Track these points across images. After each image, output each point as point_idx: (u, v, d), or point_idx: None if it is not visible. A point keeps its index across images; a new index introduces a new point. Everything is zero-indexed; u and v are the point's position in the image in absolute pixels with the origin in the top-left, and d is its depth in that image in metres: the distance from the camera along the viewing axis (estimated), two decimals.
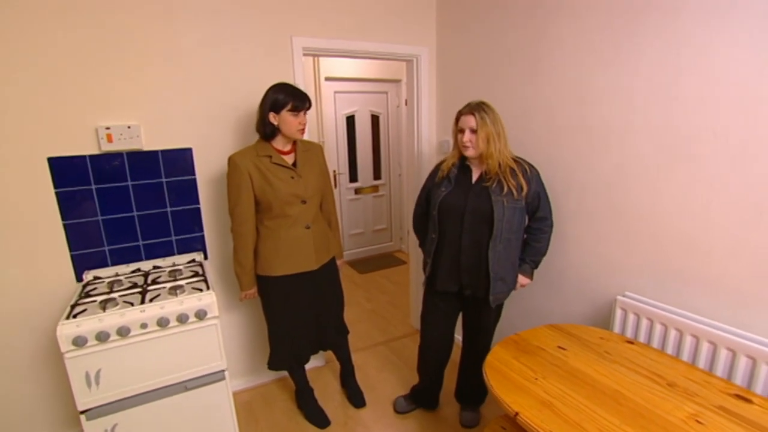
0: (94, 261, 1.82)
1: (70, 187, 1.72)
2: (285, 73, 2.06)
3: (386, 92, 4.22)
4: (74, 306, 1.46)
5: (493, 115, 1.57)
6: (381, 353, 2.65)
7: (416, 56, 2.46)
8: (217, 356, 1.59)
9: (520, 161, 1.64)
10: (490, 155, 1.58)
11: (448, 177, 1.70)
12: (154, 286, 1.64)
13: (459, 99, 2.37)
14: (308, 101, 1.71)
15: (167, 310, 1.47)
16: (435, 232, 1.74)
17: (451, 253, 1.69)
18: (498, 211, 1.57)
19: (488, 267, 1.62)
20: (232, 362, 2.24)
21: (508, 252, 1.64)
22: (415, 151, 2.65)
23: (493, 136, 1.56)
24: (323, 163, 1.89)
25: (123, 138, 1.73)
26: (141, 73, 1.76)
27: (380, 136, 4.34)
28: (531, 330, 1.58)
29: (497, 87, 2.09)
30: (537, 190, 1.65)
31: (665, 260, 1.49)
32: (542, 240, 1.72)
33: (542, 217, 1.70)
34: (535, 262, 1.75)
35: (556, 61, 1.77)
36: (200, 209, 1.99)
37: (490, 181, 1.60)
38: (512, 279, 1.72)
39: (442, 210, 1.69)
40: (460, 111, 1.63)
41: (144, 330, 1.44)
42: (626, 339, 1.48)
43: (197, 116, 1.90)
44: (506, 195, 1.58)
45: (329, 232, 1.95)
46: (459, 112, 1.63)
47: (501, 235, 1.59)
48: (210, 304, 1.53)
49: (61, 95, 1.64)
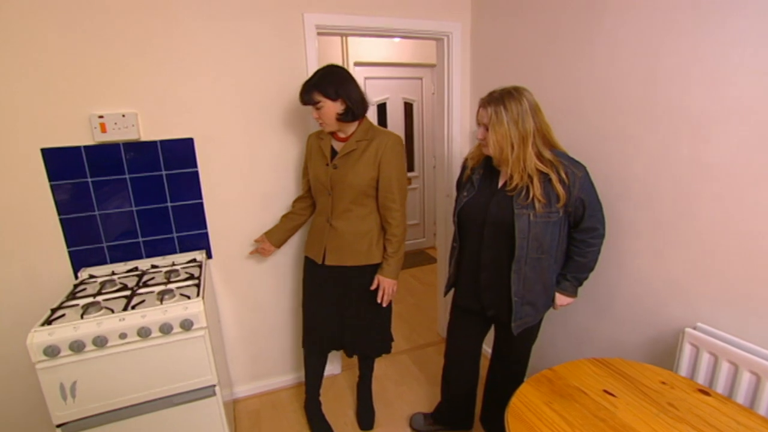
0: (93, 258, 1.73)
1: (66, 180, 1.62)
2: (295, 56, 1.85)
3: (421, 78, 3.92)
4: (55, 310, 1.35)
5: (516, 112, 1.22)
6: (402, 363, 2.43)
7: (447, 34, 2.16)
8: (206, 370, 1.44)
9: (561, 162, 1.30)
10: (504, 161, 1.28)
11: (471, 179, 1.43)
12: (144, 289, 1.51)
13: (496, 83, 2.05)
14: (301, 96, 1.53)
15: (149, 319, 1.33)
16: (457, 242, 1.48)
17: (471, 269, 1.43)
18: (522, 227, 1.28)
19: (510, 289, 1.34)
20: (238, 367, 2.11)
21: (538, 273, 1.35)
22: (446, 142, 2.36)
23: (510, 140, 1.23)
24: (386, 161, 1.55)
25: (118, 127, 1.60)
26: (137, 56, 1.61)
27: (414, 125, 4.06)
28: (570, 365, 1.28)
29: (541, 66, 1.76)
30: (580, 196, 1.32)
31: (756, 288, 1.13)
32: (588, 254, 1.40)
33: (589, 227, 1.37)
34: (578, 279, 1.44)
35: (616, 30, 1.42)
36: (203, 204, 1.84)
37: (514, 188, 1.30)
38: (544, 302, 1.43)
39: (462, 218, 1.43)
40: (480, 100, 1.33)
41: (123, 340, 1.30)
42: (698, 387, 1.15)
43: (198, 104, 1.74)
44: (535, 206, 1.28)
45: (369, 239, 1.63)
46: (479, 102, 1.34)
47: (526, 255, 1.30)
48: (197, 313, 1.38)
49: (53, 81, 1.53)
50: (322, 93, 1.49)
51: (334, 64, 1.58)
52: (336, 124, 1.55)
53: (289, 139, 1.93)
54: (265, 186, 1.93)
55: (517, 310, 1.38)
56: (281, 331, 2.15)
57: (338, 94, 1.49)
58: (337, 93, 1.49)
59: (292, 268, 2.08)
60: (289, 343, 2.19)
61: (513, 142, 1.24)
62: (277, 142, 1.91)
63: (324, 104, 1.50)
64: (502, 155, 1.27)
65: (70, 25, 1.51)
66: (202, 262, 1.76)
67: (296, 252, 2.07)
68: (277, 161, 1.93)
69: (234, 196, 1.89)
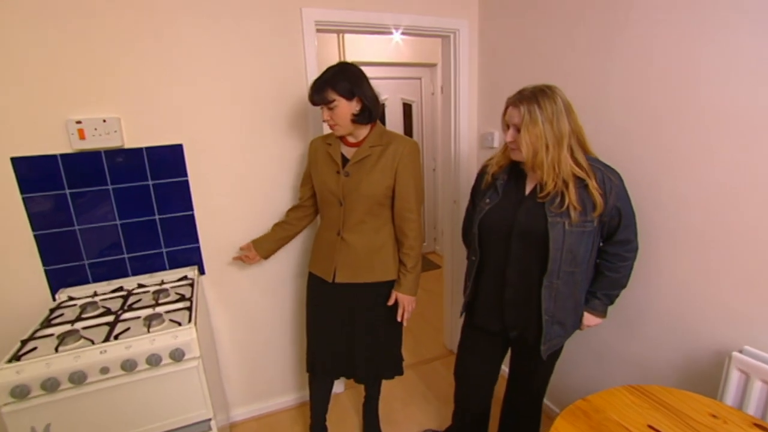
0: (73, 277, 1.57)
1: (40, 192, 1.46)
2: (293, 55, 1.71)
3: (420, 78, 3.79)
4: (25, 342, 1.20)
5: (551, 111, 1.11)
6: (408, 380, 2.29)
7: (453, 31, 2.04)
8: (200, 403, 1.30)
9: (597, 166, 1.19)
10: (538, 165, 1.15)
11: (494, 185, 1.30)
12: (129, 313, 1.36)
13: (506, 82, 1.94)
14: (310, 96, 1.41)
15: (134, 350, 1.18)
16: (476, 255, 1.35)
17: (494, 285, 1.30)
18: (556, 237, 1.15)
19: (540, 308, 1.21)
20: (235, 389, 1.96)
21: (569, 289, 1.23)
22: (452, 146, 2.24)
23: (545, 140, 1.12)
24: (404, 168, 1.43)
25: (98, 134, 1.45)
26: (119, 54, 1.46)
27: (413, 126, 3.93)
28: (606, 394, 1.15)
29: (559, 65, 1.64)
30: (617, 205, 1.20)
31: None
32: (622, 269, 1.28)
33: (623, 240, 1.26)
34: (610, 297, 1.32)
35: (646, 24, 1.30)
36: (194, 216, 1.69)
37: (547, 195, 1.18)
38: (574, 321, 1.31)
39: (483, 228, 1.29)
40: (508, 99, 1.21)
41: (105, 375, 1.15)
42: (754, 420, 1.03)
43: (188, 107, 1.59)
44: (570, 214, 1.16)
45: (385, 253, 1.50)
46: (507, 101, 1.22)
47: (559, 269, 1.18)
48: (188, 342, 1.23)
49: (24, 81, 1.37)
50: (337, 91, 1.35)
51: (347, 61, 1.45)
52: (350, 126, 1.42)
53: (289, 143, 1.79)
54: (262, 195, 1.78)
55: (547, 330, 1.25)
56: (281, 349, 2.01)
57: (354, 93, 1.36)
58: (353, 91, 1.36)
59: (292, 284, 1.94)
60: (289, 362, 2.04)
61: (548, 143, 1.12)
62: (276, 147, 1.77)
63: (338, 103, 1.36)
64: (536, 158, 1.14)
65: (44, 19, 1.35)
66: (193, 280, 1.61)
67: (296, 266, 1.92)
68: (275, 168, 1.78)
69: (228, 207, 1.74)
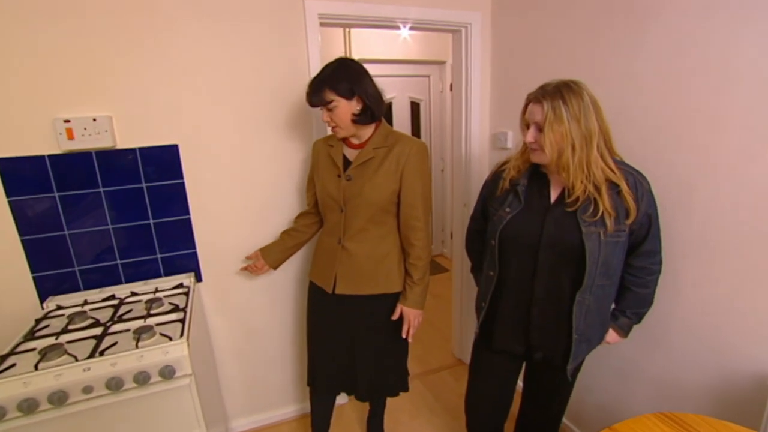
0: (64, 284, 1.49)
1: (27, 195, 1.38)
2: (295, 50, 1.62)
3: (428, 76, 3.68)
4: (5, 357, 1.11)
5: (578, 108, 1.00)
6: (415, 391, 2.19)
7: (465, 25, 1.93)
8: (192, 424, 1.20)
9: (628, 170, 1.08)
10: (563, 167, 1.04)
11: (514, 190, 1.17)
12: (118, 325, 1.27)
13: (522, 80, 1.82)
14: (309, 95, 1.31)
15: (121, 367, 1.09)
16: (494, 269, 1.22)
17: (518, 303, 1.18)
18: (592, 248, 1.04)
19: (571, 326, 1.10)
20: (234, 400, 1.87)
21: (600, 303, 1.12)
22: (463, 146, 2.13)
23: (571, 139, 1.00)
24: (410, 171, 1.32)
25: (88, 133, 1.36)
26: (114, 49, 1.38)
27: (421, 126, 3.82)
28: (634, 422, 1.04)
29: (581, 60, 1.52)
30: (648, 211, 1.09)
31: None
32: (650, 284, 1.17)
33: (650, 250, 1.14)
34: (638, 315, 1.21)
35: (681, 13, 1.19)
36: (191, 220, 1.60)
37: (577, 201, 1.06)
38: (599, 337, 1.21)
39: (505, 240, 1.17)
40: (529, 95, 1.10)
41: (88, 395, 1.06)
42: None
43: (184, 105, 1.50)
44: (605, 223, 1.04)
45: (389, 262, 1.40)
46: (528, 97, 1.11)
47: (593, 283, 1.07)
48: (179, 359, 1.14)
49: (7, 77, 1.29)
50: (335, 91, 1.26)
51: (346, 57, 1.35)
52: (351, 128, 1.32)
53: (291, 145, 1.69)
54: (262, 198, 1.69)
55: (575, 349, 1.14)
56: (282, 359, 1.92)
57: (354, 92, 1.26)
58: (353, 90, 1.26)
59: (293, 291, 1.85)
60: (290, 372, 1.95)
61: (574, 142, 1.00)
62: (277, 149, 1.67)
63: (338, 104, 1.27)
64: (561, 159, 1.03)
65: (29, 10, 1.27)
66: (189, 288, 1.52)
67: (297, 273, 1.83)
68: (276, 170, 1.69)
69: (227, 211, 1.65)
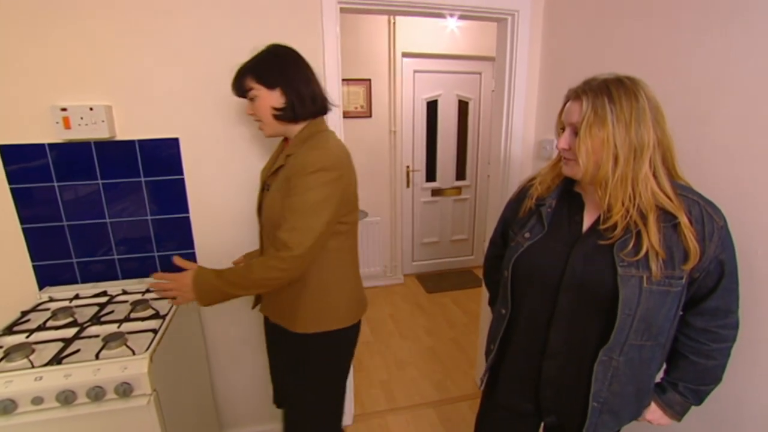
0: (63, 275, 1.46)
1: (29, 184, 1.36)
2: (309, 41, 1.46)
3: (479, 73, 3.38)
4: None
5: (629, 111, 0.74)
6: (427, 421, 1.97)
7: (512, 13, 1.65)
8: None
9: (693, 198, 0.80)
10: (599, 183, 0.79)
11: (538, 212, 0.93)
12: (95, 327, 1.20)
13: (577, 79, 1.52)
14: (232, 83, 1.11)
15: (74, 380, 1.00)
16: (506, 307, 0.98)
17: (528, 352, 0.94)
18: (628, 296, 0.78)
19: (590, 389, 0.84)
20: (228, 409, 1.78)
21: (635, 369, 0.85)
22: (502, 153, 1.86)
23: (613, 149, 0.75)
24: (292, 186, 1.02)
25: (84, 123, 1.31)
26: (115, 34, 1.31)
27: (468, 127, 3.53)
28: None
29: (649, 59, 1.21)
30: (720, 257, 0.80)
31: None
32: (717, 355, 0.86)
33: (720, 308, 0.84)
34: (697, 393, 0.89)
35: None
36: (189, 219, 1.51)
37: (615, 230, 0.80)
38: (632, 412, 0.92)
39: (519, 272, 0.93)
40: (569, 91, 0.85)
41: (38, 407, 0.99)
42: None
43: (185, 96, 1.41)
44: (649, 265, 0.77)
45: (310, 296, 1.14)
46: (567, 94, 0.86)
47: (625, 341, 0.80)
48: (138, 376, 1.03)
49: (8, 62, 1.26)
50: (257, 78, 1.06)
51: (281, 44, 1.11)
52: (274, 124, 1.10)
53: None
54: None
55: (592, 419, 0.88)
56: None
57: (277, 82, 1.06)
58: (276, 80, 1.06)
59: None
60: None
61: (617, 153, 0.75)
62: None
63: (258, 94, 1.07)
64: (599, 173, 0.78)
65: None
66: None
67: None
68: None
69: (227, 211, 1.54)
